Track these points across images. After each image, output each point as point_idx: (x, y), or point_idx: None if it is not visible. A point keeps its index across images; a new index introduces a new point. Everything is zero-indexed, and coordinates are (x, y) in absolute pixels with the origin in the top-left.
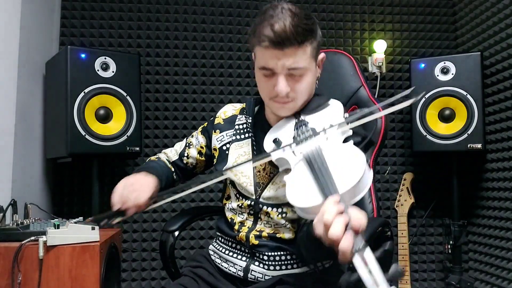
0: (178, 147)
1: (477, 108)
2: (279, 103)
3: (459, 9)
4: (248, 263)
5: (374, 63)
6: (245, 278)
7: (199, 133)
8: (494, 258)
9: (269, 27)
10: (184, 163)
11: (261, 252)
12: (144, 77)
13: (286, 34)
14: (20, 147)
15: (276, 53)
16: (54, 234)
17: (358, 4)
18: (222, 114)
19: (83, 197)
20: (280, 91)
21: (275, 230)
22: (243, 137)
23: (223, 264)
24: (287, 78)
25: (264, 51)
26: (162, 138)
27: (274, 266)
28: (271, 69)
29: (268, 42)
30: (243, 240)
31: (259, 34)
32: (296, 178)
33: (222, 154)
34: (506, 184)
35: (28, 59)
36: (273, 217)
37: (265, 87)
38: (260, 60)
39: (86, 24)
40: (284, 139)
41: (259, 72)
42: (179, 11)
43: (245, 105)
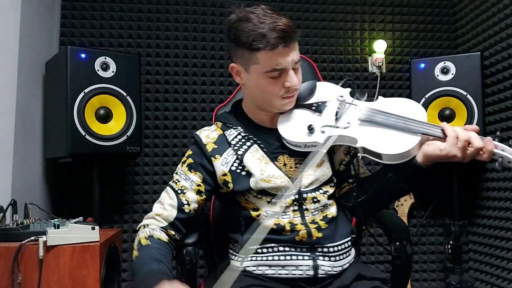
0: (168, 200)
1: (477, 108)
2: (288, 98)
3: (459, 9)
4: (313, 260)
5: (374, 63)
6: (315, 276)
7: (187, 172)
8: (495, 258)
9: (273, 29)
10: (187, 212)
11: (324, 245)
12: (144, 77)
13: (290, 30)
14: (20, 147)
15: (284, 50)
16: (54, 234)
17: (358, 4)
18: (208, 139)
19: (83, 197)
20: (295, 83)
21: (323, 214)
22: (246, 147)
23: (281, 272)
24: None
25: (272, 53)
26: (162, 138)
27: (339, 256)
28: (282, 68)
29: (281, 43)
30: (304, 238)
31: (265, 39)
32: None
33: (235, 174)
34: (507, 184)
35: (28, 59)
36: (320, 199)
37: (273, 88)
38: (267, 64)
39: (86, 24)
40: (316, 123)
41: (264, 77)
42: (179, 11)
43: (219, 124)
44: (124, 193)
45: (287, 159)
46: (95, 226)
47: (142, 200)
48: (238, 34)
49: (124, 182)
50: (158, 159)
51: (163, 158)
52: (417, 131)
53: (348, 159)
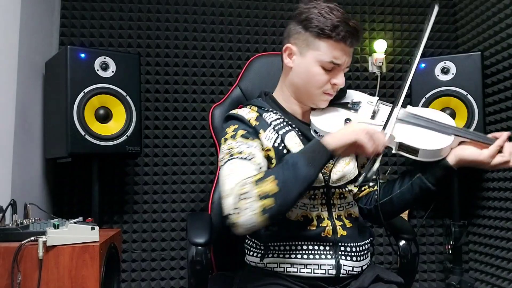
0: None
1: (477, 108)
2: (329, 95)
3: (459, 9)
4: (336, 259)
5: (374, 63)
6: (337, 276)
7: (246, 141)
8: (495, 259)
9: (345, 23)
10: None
11: (347, 245)
12: (144, 77)
13: (358, 34)
14: (19, 147)
15: (346, 49)
16: (54, 234)
17: (358, 4)
18: (246, 115)
19: (83, 197)
20: (342, 84)
21: (347, 211)
22: (286, 130)
23: (303, 270)
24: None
25: (336, 45)
26: (162, 138)
27: (361, 257)
28: (338, 64)
29: (347, 37)
30: (329, 234)
31: (336, 29)
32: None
33: (277, 151)
34: (507, 184)
35: (27, 59)
36: (347, 196)
37: (321, 79)
38: (327, 53)
39: (86, 24)
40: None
41: (318, 65)
42: (179, 11)
43: (255, 108)
44: (124, 193)
45: None
46: (95, 226)
47: (142, 200)
48: (310, 17)
49: (124, 182)
50: (158, 159)
51: (163, 158)
52: (450, 133)
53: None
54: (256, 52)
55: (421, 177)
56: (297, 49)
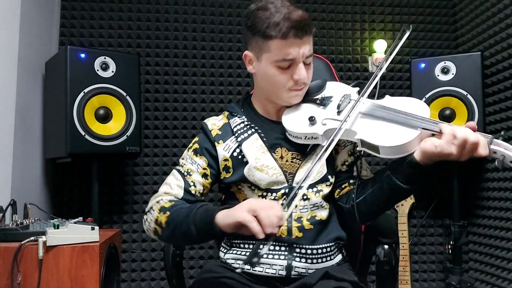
0: (174, 182)
1: (477, 108)
2: (296, 91)
3: (459, 9)
4: (289, 260)
5: (374, 63)
6: (287, 276)
7: (192, 156)
8: (495, 259)
9: (288, 19)
10: (193, 194)
11: (302, 247)
12: (144, 77)
13: (306, 22)
14: (19, 147)
15: (297, 42)
16: (53, 234)
17: (358, 4)
18: (214, 126)
19: (83, 197)
20: (304, 77)
21: (312, 213)
22: (247, 134)
23: (256, 268)
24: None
25: (283, 43)
26: (162, 138)
27: (317, 259)
28: (291, 59)
29: (290, 32)
30: (283, 235)
31: (278, 27)
32: (372, 130)
33: (236, 160)
34: (507, 184)
35: (27, 59)
36: (310, 197)
37: (282, 79)
38: (277, 53)
39: (85, 24)
40: (319, 116)
41: (274, 66)
42: (179, 11)
43: (228, 112)
44: (124, 193)
45: (285, 152)
46: (95, 226)
47: (142, 200)
48: (254, 21)
49: (123, 182)
50: (157, 159)
51: (162, 158)
52: (417, 126)
53: (352, 160)
54: None
55: (390, 175)
56: (253, 55)
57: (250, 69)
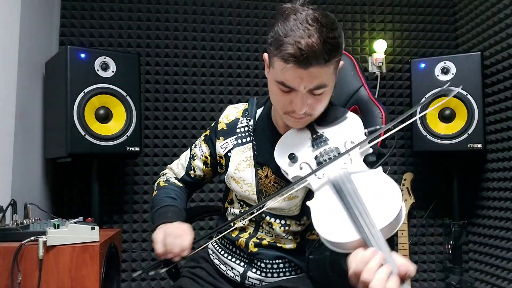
0: (183, 160)
1: (477, 108)
2: (294, 118)
3: (459, 9)
4: (245, 269)
5: (374, 63)
6: (242, 284)
7: (202, 142)
8: (494, 258)
9: (293, 42)
10: (192, 177)
11: (259, 259)
12: (144, 77)
13: (313, 54)
14: (19, 147)
15: (300, 72)
16: (54, 234)
17: (358, 4)
18: (225, 118)
19: (83, 197)
20: (299, 109)
21: (276, 240)
22: (244, 141)
23: (221, 266)
24: (308, 95)
25: (285, 67)
26: (162, 138)
27: (272, 274)
28: (290, 87)
29: (292, 60)
30: (242, 246)
31: (281, 46)
32: (323, 206)
33: (227, 160)
34: (506, 184)
35: (27, 59)
36: (275, 228)
37: (280, 100)
38: (279, 74)
39: (85, 24)
40: (301, 155)
41: (275, 84)
42: (179, 11)
43: (247, 106)
44: (124, 193)
45: (270, 173)
46: (95, 226)
47: (142, 200)
48: (272, 27)
49: (123, 182)
50: (157, 159)
51: (162, 158)
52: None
53: None
54: (256, 52)
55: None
56: (268, 60)
57: (266, 73)
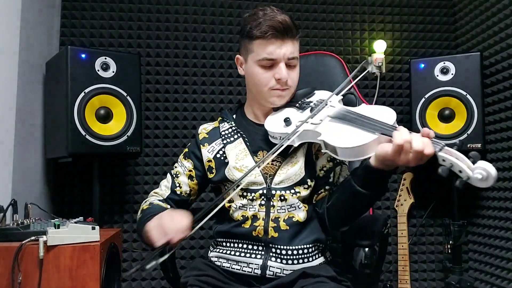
0: (166, 182)
1: (476, 108)
2: (279, 91)
3: (459, 9)
4: (264, 260)
5: (374, 63)
6: (263, 276)
7: (182, 159)
8: (494, 258)
9: (270, 19)
10: (178, 194)
11: (278, 247)
12: (145, 77)
13: (287, 25)
14: (20, 147)
15: (279, 42)
16: (54, 234)
17: (358, 4)
18: (203, 130)
19: (84, 197)
20: (284, 76)
21: (289, 214)
22: (233, 139)
23: (234, 266)
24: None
25: (266, 42)
26: (163, 138)
27: (292, 260)
28: (273, 59)
29: (272, 32)
30: (260, 234)
31: (259, 27)
32: (334, 131)
33: (218, 161)
34: (506, 184)
35: (28, 59)
36: (287, 198)
37: (264, 78)
38: (260, 52)
39: (86, 24)
40: (295, 118)
41: (257, 66)
42: (179, 11)
43: (221, 116)
44: (124, 193)
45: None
46: (95, 226)
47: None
48: (243, 25)
49: (124, 182)
50: (158, 159)
51: (163, 158)
52: (376, 130)
53: (330, 166)
54: None
55: (350, 179)
56: (242, 57)
57: (240, 72)
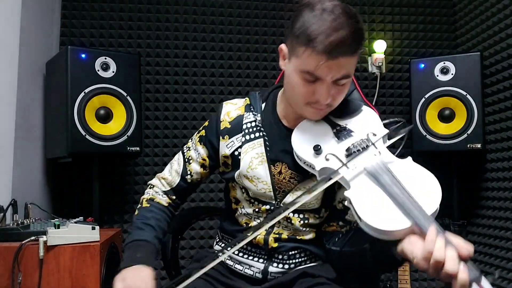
0: (176, 165)
1: (476, 108)
2: (316, 109)
3: (459, 9)
4: (266, 265)
5: (373, 63)
6: (263, 280)
7: (197, 143)
8: (494, 258)
9: (324, 34)
10: (188, 182)
11: (280, 252)
12: (144, 77)
13: (344, 46)
14: (20, 147)
15: (329, 63)
16: (54, 234)
17: (358, 4)
18: (226, 116)
19: (84, 197)
20: (323, 99)
21: (294, 233)
22: (253, 136)
23: (237, 266)
24: (331, 85)
25: (314, 56)
26: (162, 138)
27: (295, 264)
28: (318, 77)
29: (323, 52)
30: (260, 243)
31: (310, 37)
32: (365, 195)
33: (236, 159)
34: (506, 184)
35: (28, 59)
36: (294, 223)
37: (303, 91)
38: (305, 63)
39: (86, 24)
40: (327, 147)
41: (299, 74)
42: (179, 11)
43: (249, 101)
44: (124, 193)
45: (285, 168)
46: (95, 226)
47: None
48: (296, 18)
49: (124, 182)
50: (158, 159)
51: (163, 158)
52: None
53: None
54: (256, 52)
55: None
56: (287, 51)
57: (281, 64)
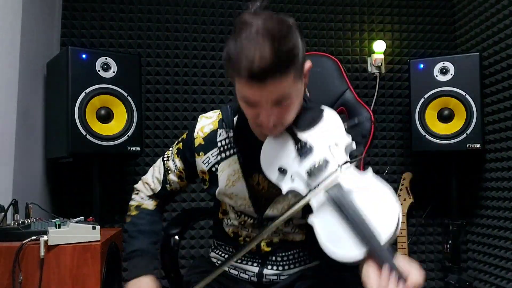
0: (157, 173)
1: (476, 108)
2: (266, 129)
3: (458, 10)
4: (260, 268)
5: (373, 63)
6: (259, 283)
7: (175, 156)
8: (493, 258)
9: (245, 58)
10: (168, 190)
11: (273, 255)
12: (145, 77)
13: (267, 67)
14: (21, 147)
15: (257, 86)
16: (55, 234)
17: (358, 4)
18: (200, 132)
19: (84, 197)
20: (265, 122)
21: (284, 236)
22: (228, 154)
23: (232, 271)
24: (273, 107)
25: (242, 83)
26: (163, 138)
27: (289, 265)
28: (253, 103)
29: (247, 78)
30: (253, 249)
31: (235, 64)
32: (325, 222)
33: (213, 176)
34: (505, 184)
35: (29, 60)
36: (281, 228)
37: (249, 113)
38: (240, 90)
39: (86, 24)
40: (290, 168)
41: (240, 100)
42: (179, 12)
43: (221, 115)
44: (125, 192)
45: (262, 179)
46: (96, 226)
47: None
48: (226, 46)
49: (124, 181)
50: (158, 159)
51: None
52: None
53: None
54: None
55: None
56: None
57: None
